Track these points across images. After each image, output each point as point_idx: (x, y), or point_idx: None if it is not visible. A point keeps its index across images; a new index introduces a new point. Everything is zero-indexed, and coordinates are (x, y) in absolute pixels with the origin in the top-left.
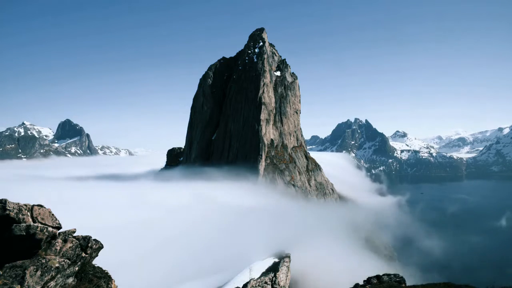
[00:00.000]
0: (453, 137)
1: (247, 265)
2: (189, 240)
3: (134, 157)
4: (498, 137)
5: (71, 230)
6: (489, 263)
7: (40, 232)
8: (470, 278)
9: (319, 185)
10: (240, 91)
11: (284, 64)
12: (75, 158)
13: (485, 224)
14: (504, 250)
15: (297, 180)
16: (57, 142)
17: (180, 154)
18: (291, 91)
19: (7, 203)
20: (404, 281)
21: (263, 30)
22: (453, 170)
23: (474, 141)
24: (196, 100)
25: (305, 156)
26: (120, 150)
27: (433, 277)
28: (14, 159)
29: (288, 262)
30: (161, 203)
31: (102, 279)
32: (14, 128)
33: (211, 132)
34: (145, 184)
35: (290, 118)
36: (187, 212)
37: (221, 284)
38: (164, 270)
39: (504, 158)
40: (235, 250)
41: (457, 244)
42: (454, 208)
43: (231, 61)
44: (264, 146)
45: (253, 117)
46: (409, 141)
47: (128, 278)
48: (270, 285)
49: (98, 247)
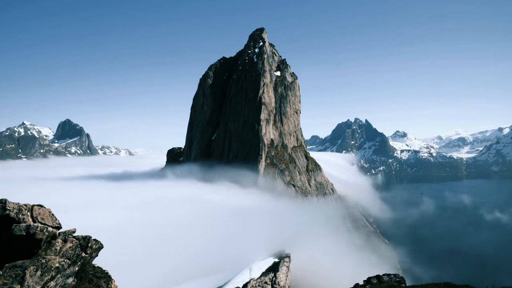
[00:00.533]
0: (453, 137)
1: (247, 265)
2: (189, 240)
3: (134, 157)
4: (498, 137)
5: (71, 230)
6: (489, 263)
7: (40, 232)
8: (470, 278)
9: (319, 185)
10: (240, 91)
11: (284, 64)
12: (75, 158)
13: (485, 224)
14: (504, 250)
15: (297, 180)
16: (57, 142)
17: (180, 154)
18: (291, 91)
19: (7, 203)
20: (404, 281)
21: (263, 30)
22: (453, 170)
23: (474, 141)
24: (196, 100)
25: (305, 156)
26: (120, 150)
27: (433, 277)
28: (14, 159)
29: (288, 262)
30: (161, 204)
31: (102, 279)
32: (14, 128)
33: (211, 132)
34: (145, 184)
35: (290, 118)
36: (187, 212)
37: (221, 284)
38: (165, 270)
39: (504, 158)
40: (235, 250)
41: (457, 244)
42: (454, 208)
43: (231, 61)
44: (264, 146)
45: (253, 117)
46: (409, 141)
47: (128, 278)
48: (270, 285)
49: (98, 247)
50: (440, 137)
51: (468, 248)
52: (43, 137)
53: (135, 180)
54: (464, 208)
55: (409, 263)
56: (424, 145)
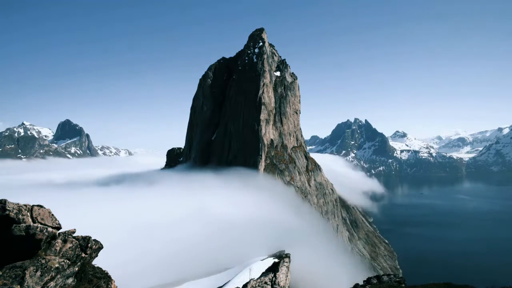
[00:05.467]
0: (453, 137)
1: (247, 265)
2: (189, 240)
3: (134, 157)
4: (498, 137)
5: (71, 231)
6: (489, 263)
7: (40, 232)
8: (470, 278)
9: (319, 185)
10: (240, 91)
11: (284, 64)
12: (75, 158)
13: (485, 224)
14: (504, 250)
15: (297, 180)
16: (56, 142)
17: (180, 154)
18: (290, 91)
19: (7, 203)
20: (404, 281)
21: (263, 30)
22: (453, 170)
23: (474, 141)
24: (196, 101)
25: (305, 156)
26: (120, 150)
27: (433, 277)
28: (14, 159)
29: (288, 262)
30: (161, 204)
31: (102, 279)
32: (14, 128)
33: (211, 132)
34: (145, 185)
35: (289, 118)
36: (187, 213)
37: (221, 284)
38: (164, 271)
39: (504, 158)
40: (235, 250)
41: (457, 244)
42: (454, 208)
43: (231, 61)
44: (264, 146)
45: (253, 117)
46: (409, 141)
47: (128, 278)
48: (270, 285)
49: (97, 247)
50: (440, 137)
51: (468, 248)
52: (43, 137)
53: (135, 181)
54: (464, 208)
55: (409, 263)
56: (424, 145)
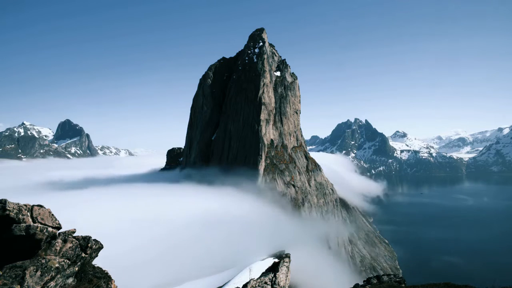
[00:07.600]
0: (453, 137)
1: (247, 265)
2: (189, 241)
3: (134, 157)
4: (498, 137)
5: (71, 230)
6: (489, 263)
7: (40, 232)
8: (470, 278)
9: (319, 185)
10: (240, 91)
11: (284, 64)
12: (75, 158)
13: (485, 224)
14: (504, 250)
15: (297, 180)
16: (56, 142)
17: (180, 155)
18: (291, 91)
19: (7, 203)
20: (404, 281)
21: (263, 30)
22: (453, 170)
23: (474, 141)
24: (196, 100)
25: (305, 156)
26: (120, 150)
27: (433, 277)
28: (14, 159)
29: (288, 262)
30: (161, 205)
31: (102, 279)
32: (14, 128)
33: (211, 132)
34: (145, 185)
35: (290, 118)
36: (187, 213)
37: (221, 284)
38: (165, 270)
39: (504, 158)
40: (235, 250)
41: (457, 244)
42: (454, 208)
43: (231, 61)
44: (264, 146)
45: (253, 117)
46: (409, 141)
47: (128, 278)
48: (270, 285)
49: (98, 247)
50: (440, 137)
51: (468, 248)
52: (43, 137)
53: (135, 181)
54: (464, 208)
55: (409, 263)
56: (424, 145)
